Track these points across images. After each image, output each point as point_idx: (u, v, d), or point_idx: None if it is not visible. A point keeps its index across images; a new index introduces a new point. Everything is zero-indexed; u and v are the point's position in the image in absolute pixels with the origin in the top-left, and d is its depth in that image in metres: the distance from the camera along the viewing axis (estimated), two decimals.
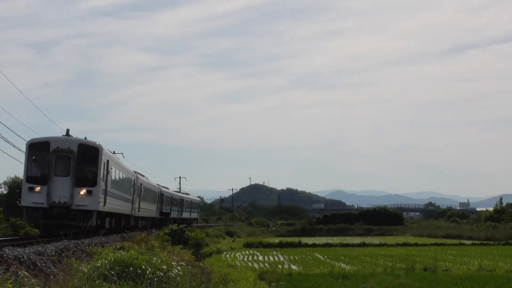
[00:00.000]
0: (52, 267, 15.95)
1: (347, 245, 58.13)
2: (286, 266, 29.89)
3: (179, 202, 75.38)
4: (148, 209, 53.23)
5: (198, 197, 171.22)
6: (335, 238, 77.61)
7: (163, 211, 70.08)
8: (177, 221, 73.31)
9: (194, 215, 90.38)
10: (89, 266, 13.77)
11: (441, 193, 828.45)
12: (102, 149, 31.59)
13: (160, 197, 61.10)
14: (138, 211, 47.06)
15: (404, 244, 58.57)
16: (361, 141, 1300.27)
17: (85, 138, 31.83)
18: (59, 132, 33.92)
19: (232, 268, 27.94)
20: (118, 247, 20.26)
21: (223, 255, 39.62)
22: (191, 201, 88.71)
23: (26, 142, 30.73)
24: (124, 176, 39.83)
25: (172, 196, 70.11)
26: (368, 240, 66.59)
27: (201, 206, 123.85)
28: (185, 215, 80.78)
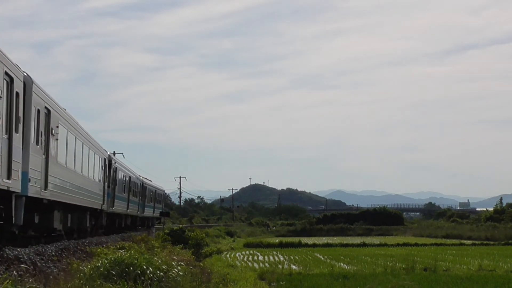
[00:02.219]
0: (52, 267, 15.94)
1: (347, 245, 58.14)
2: (286, 266, 29.92)
3: (140, 189, 49.55)
4: (81, 187, 26.48)
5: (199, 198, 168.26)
6: (335, 238, 77.62)
7: (145, 208, 52.17)
8: (136, 220, 51.19)
9: (158, 212, 64.89)
10: (89, 266, 13.78)
11: (441, 193, 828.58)
12: None
13: (112, 173, 35.89)
14: (45, 185, 20.46)
15: (404, 244, 58.58)
16: (361, 141, 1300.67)
17: None
18: None
19: (232, 268, 27.96)
20: (118, 247, 20.26)
21: (223, 255, 39.64)
22: (155, 191, 61.95)
23: None
24: None
25: (130, 177, 43.70)
26: (368, 240, 66.59)
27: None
28: (147, 211, 55.77)
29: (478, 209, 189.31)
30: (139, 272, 13.44)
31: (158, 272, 13.91)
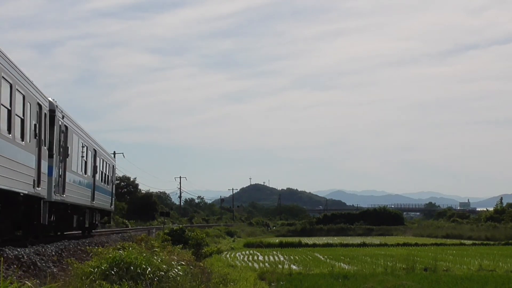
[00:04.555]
0: (52, 267, 15.93)
1: (347, 245, 58.12)
2: (286, 266, 29.86)
3: (62, 136, 23.25)
4: None
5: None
6: (335, 238, 77.60)
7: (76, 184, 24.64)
8: (49, 214, 21.86)
9: (106, 201, 35.43)
10: (89, 266, 13.76)
11: (441, 193, 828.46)
12: None
13: None
14: None
15: (404, 244, 58.55)
16: (362, 141, 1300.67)
17: None
18: None
19: (232, 268, 27.91)
20: (118, 247, 20.24)
21: (223, 255, 39.60)
22: (102, 159, 33.46)
23: None
24: None
25: (25, 96, 17.72)
26: (368, 240, 66.57)
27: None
28: (81, 194, 27.73)
29: (478, 209, 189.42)
30: (139, 272, 13.42)
31: (158, 272, 13.89)
